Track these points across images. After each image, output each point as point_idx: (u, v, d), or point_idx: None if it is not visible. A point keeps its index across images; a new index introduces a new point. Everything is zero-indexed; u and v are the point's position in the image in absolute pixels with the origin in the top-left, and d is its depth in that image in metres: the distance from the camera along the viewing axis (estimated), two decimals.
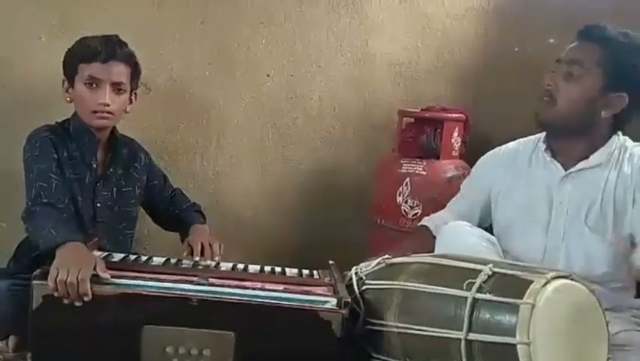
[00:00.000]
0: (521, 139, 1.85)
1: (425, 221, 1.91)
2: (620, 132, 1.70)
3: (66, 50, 1.81)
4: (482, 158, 1.92)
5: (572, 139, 1.69)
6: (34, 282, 1.40)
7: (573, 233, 1.67)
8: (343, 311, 1.43)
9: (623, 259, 1.60)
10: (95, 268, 1.43)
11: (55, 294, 1.39)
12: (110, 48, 1.74)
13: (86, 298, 1.40)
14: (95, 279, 1.42)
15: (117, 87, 1.76)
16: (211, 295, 1.44)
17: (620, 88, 1.61)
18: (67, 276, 1.38)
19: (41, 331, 1.41)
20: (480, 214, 1.86)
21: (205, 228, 1.89)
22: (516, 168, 1.79)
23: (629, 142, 1.70)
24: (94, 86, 1.74)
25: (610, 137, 1.69)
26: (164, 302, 1.42)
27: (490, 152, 1.90)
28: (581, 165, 1.68)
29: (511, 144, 1.86)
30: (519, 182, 1.78)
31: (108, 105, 1.74)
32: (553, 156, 1.73)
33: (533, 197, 1.73)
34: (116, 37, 1.79)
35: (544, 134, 1.77)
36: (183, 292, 1.43)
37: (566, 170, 1.70)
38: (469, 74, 2.53)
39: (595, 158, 1.67)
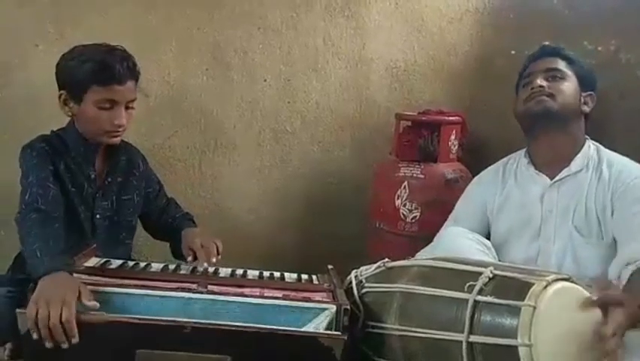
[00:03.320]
0: (503, 159, 1.95)
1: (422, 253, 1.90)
2: (588, 137, 1.83)
3: (59, 59, 1.73)
4: (473, 180, 2.01)
5: (555, 138, 1.79)
6: (18, 310, 1.35)
7: (562, 236, 1.74)
8: (345, 337, 1.39)
9: (610, 262, 1.64)
10: (79, 298, 1.37)
11: (35, 336, 1.32)
12: (128, 68, 1.67)
13: (73, 341, 1.32)
14: (85, 307, 1.36)
15: (129, 104, 1.72)
16: (205, 323, 1.38)
17: (589, 89, 1.83)
18: (49, 317, 1.30)
19: (33, 356, 1.37)
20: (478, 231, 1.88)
21: (198, 230, 1.85)
22: (505, 186, 1.88)
23: (602, 149, 1.81)
24: (107, 106, 1.68)
25: (584, 141, 1.81)
26: (156, 329, 1.36)
27: (478, 175, 1.99)
28: (564, 172, 1.78)
29: (495, 165, 1.96)
30: (509, 198, 1.86)
31: (123, 124, 1.70)
32: (537, 168, 1.83)
33: (524, 210, 1.81)
34: (124, 51, 1.71)
35: (523, 151, 1.89)
36: (176, 321, 1.38)
37: (551, 179, 1.79)
38: (465, 77, 2.53)
39: (575, 164, 1.78)
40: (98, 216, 1.78)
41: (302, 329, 1.41)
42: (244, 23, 2.41)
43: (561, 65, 1.82)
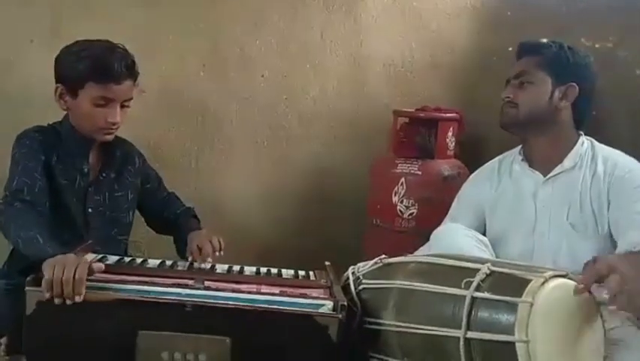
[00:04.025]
0: (500, 155, 1.96)
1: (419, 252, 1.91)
2: (582, 133, 1.82)
3: (59, 52, 1.71)
4: (468, 178, 2.01)
5: (541, 139, 1.80)
6: (27, 288, 1.37)
7: (557, 232, 1.75)
8: (340, 316, 1.41)
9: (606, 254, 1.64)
10: (90, 267, 1.39)
11: (47, 295, 1.34)
12: (126, 68, 1.66)
13: (77, 299, 1.34)
14: (90, 285, 1.37)
15: (125, 102, 1.71)
16: (206, 301, 1.41)
17: (568, 80, 1.78)
18: (63, 274, 1.33)
19: (36, 337, 1.38)
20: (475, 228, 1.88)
21: (202, 232, 1.85)
22: (500, 182, 1.89)
23: (596, 144, 1.81)
24: (102, 103, 1.66)
25: (576, 137, 1.81)
26: (158, 308, 1.39)
27: (474, 172, 2.00)
28: (557, 169, 1.79)
29: (491, 162, 1.97)
30: (504, 194, 1.87)
31: (117, 122, 1.70)
32: (531, 165, 1.84)
33: (519, 205, 1.82)
34: (124, 50, 1.69)
35: (519, 147, 1.89)
36: (178, 298, 1.41)
37: (544, 176, 1.80)
38: (462, 74, 2.54)
39: (568, 161, 1.78)
40: (90, 210, 1.76)
41: (299, 309, 1.43)
42: (241, 19, 2.41)
43: (532, 64, 1.79)
